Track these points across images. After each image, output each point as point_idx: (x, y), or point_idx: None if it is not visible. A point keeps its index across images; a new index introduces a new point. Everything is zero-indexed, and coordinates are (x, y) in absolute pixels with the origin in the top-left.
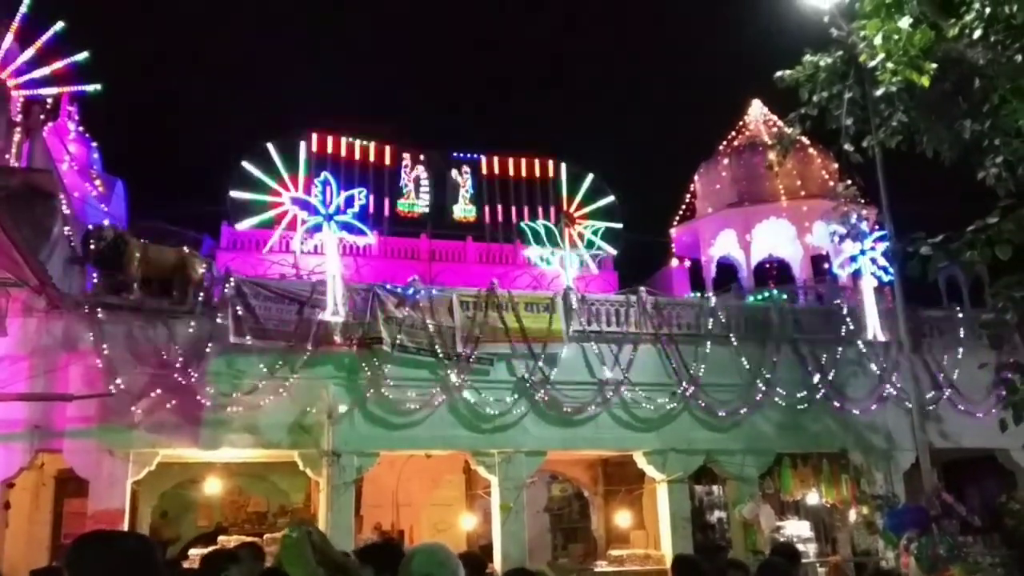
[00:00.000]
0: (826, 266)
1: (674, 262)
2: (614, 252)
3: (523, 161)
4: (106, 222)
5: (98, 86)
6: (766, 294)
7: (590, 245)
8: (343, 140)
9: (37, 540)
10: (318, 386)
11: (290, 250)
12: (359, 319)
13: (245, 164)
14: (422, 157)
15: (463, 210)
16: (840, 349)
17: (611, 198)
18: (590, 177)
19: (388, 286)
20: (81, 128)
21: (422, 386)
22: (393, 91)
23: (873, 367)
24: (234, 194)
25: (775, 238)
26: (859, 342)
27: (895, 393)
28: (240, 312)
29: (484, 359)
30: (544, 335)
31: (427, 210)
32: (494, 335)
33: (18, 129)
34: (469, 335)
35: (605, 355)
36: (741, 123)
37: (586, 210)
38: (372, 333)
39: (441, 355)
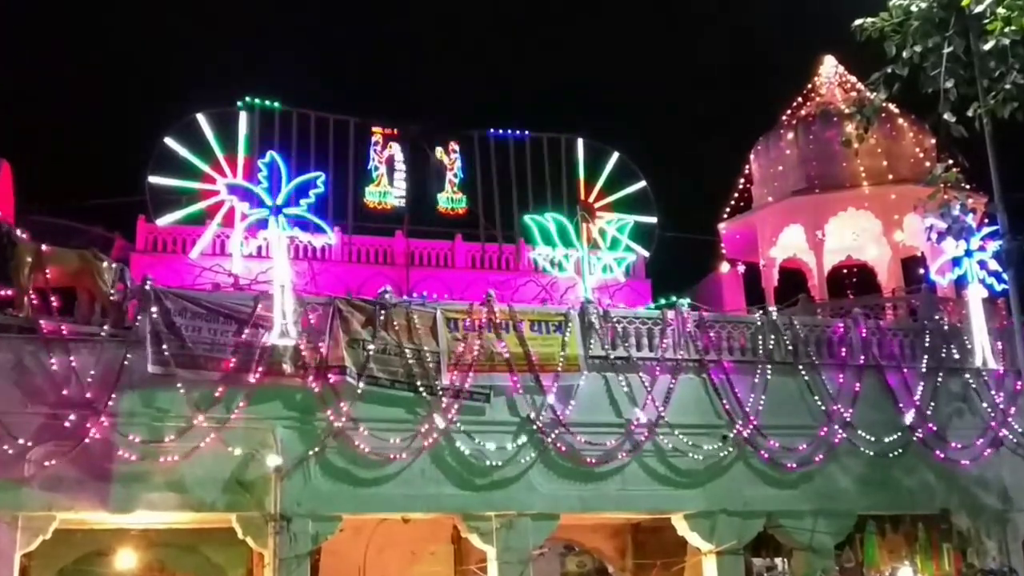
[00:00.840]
0: (921, 272)
1: (724, 267)
2: (646, 254)
3: (528, 136)
4: None
5: None
6: (842, 308)
7: (615, 245)
8: (294, 111)
9: None
10: (263, 430)
11: (226, 253)
12: (316, 342)
13: (168, 141)
14: (396, 132)
15: (450, 200)
16: (940, 380)
17: (642, 184)
18: (615, 157)
19: (353, 299)
20: None
21: (398, 429)
22: (358, 45)
23: (983, 403)
24: (153, 180)
25: (854, 235)
26: (965, 371)
27: (1012, 437)
28: (162, 334)
29: (478, 394)
30: (556, 362)
31: (403, 201)
32: (491, 363)
33: None
34: (459, 363)
35: (635, 388)
36: (810, 86)
37: (610, 199)
38: (332, 361)
39: (422, 389)
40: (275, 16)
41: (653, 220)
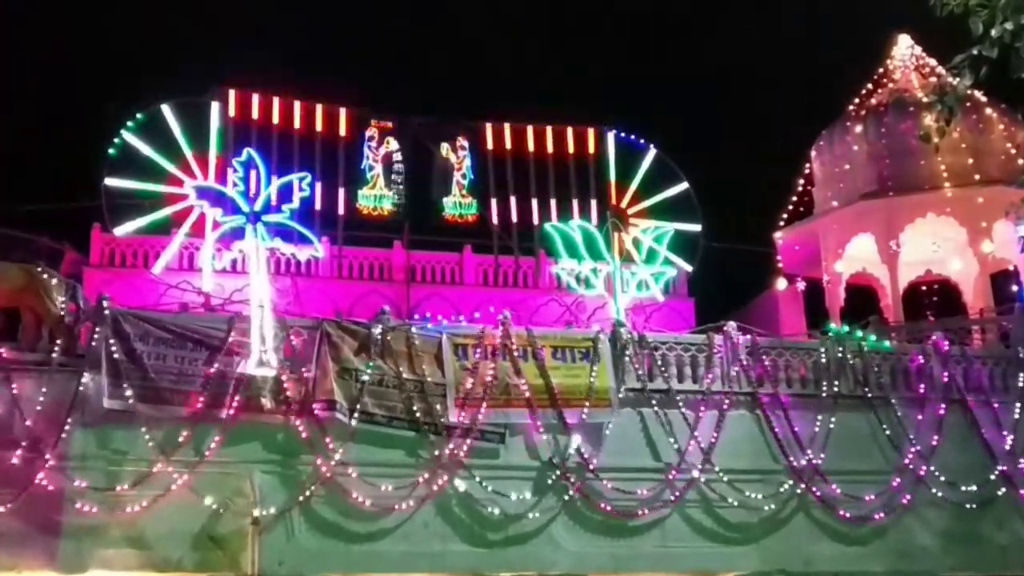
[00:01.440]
0: (1014, 288)
1: (780, 283)
2: (689, 268)
3: (549, 130)
4: None
5: None
6: (921, 332)
7: (652, 258)
8: (275, 101)
9: None
10: (238, 476)
11: (196, 267)
12: (300, 372)
13: (127, 137)
14: (394, 125)
15: (458, 205)
16: None
17: (684, 185)
18: (652, 153)
19: (344, 322)
20: None
21: (397, 475)
22: (351, 25)
23: None
24: (110, 182)
25: (934, 246)
26: None
27: None
28: (120, 363)
29: (492, 434)
30: (583, 396)
31: (403, 206)
32: (507, 397)
33: None
34: (468, 397)
35: (676, 426)
36: (881, 70)
37: (646, 204)
38: (320, 394)
39: (426, 427)
40: None
41: (697, 228)
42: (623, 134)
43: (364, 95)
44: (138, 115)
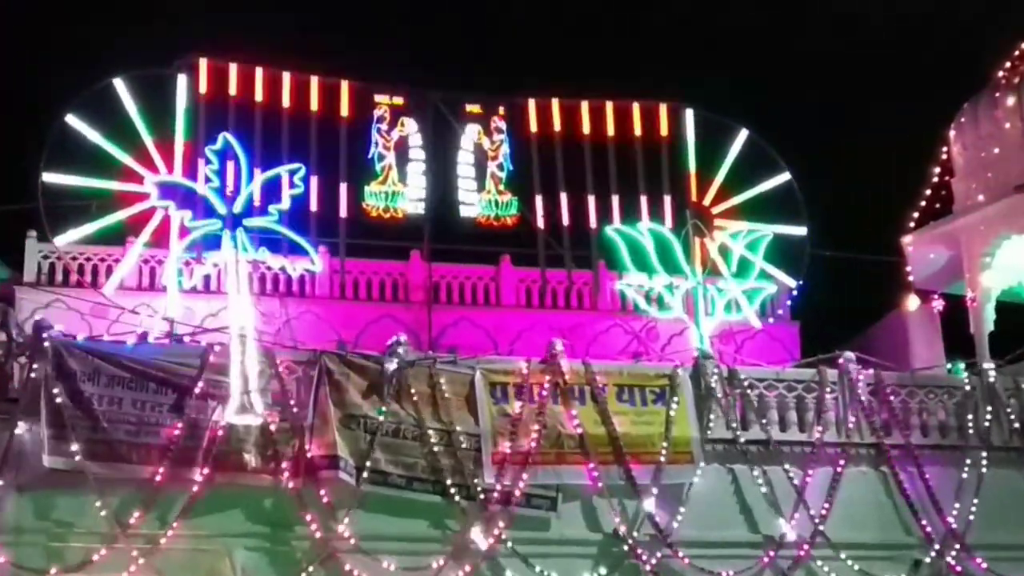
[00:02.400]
0: None
1: (911, 302)
2: (793, 284)
3: (610, 106)
4: None
5: None
6: None
7: (745, 271)
8: (258, 73)
9: None
10: (215, 554)
11: (158, 286)
12: (293, 420)
13: (71, 121)
14: (409, 100)
15: (493, 204)
16: None
17: (785, 176)
18: (743, 135)
19: (349, 355)
20: None
21: (417, 552)
22: None
23: None
24: (49, 179)
25: None
26: None
27: None
28: (64, 409)
29: (540, 499)
30: (657, 449)
31: (422, 205)
32: (558, 450)
33: None
34: (512, 452)
35: (778, 488)
36: None
37: (736, 200)
38: (319, 448)
39: (454, 491)
40: None
41: (802, 232)
42: (706, 111)
43: (371, 65)
44: (83, 92)
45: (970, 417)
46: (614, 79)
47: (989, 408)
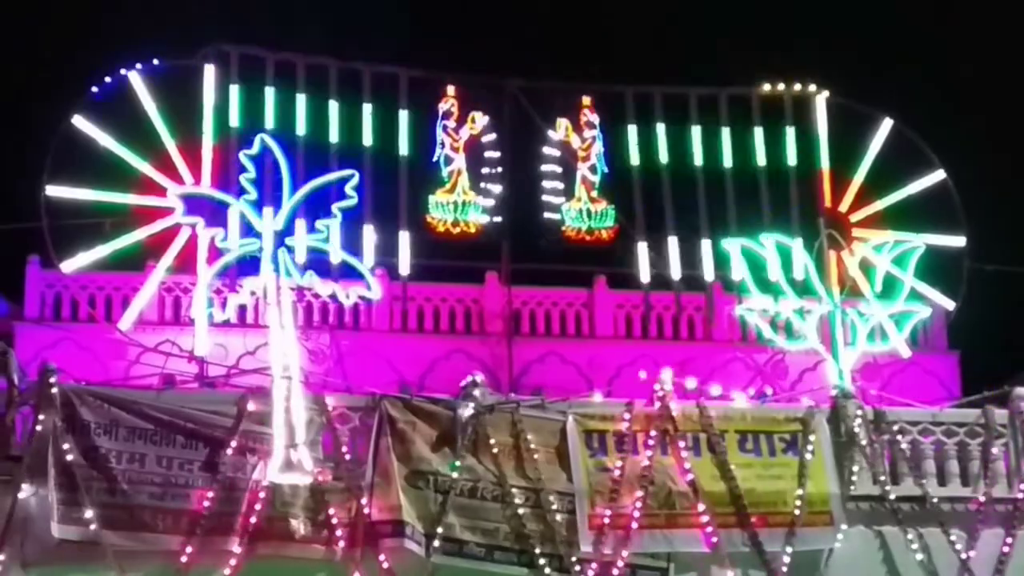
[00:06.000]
0: None
1: None
2: (951, 306)
3: (724, 95)
4: None
5: None
6: None
7: (892, 290)
8: (300, 64)
9: None
10: None
11: (184, 320)
12: (349, 479)
13: (79, 123)
14: (480, 93)
15: (585, 215)
16: None
17: (939, 175)
18: (887, 126)
19: (415, 399)
20: None
21: None
22: None
23: None
24: (55, 192)
25: None
26: None
27: None
28: (76, 468)
29: (647, 569)
30: (789, 509)
31: (499, 218)
32: (669, 512)
33: None
34: (613, 514)
35: (938, 555)
36: None
37: (880, 205)
38: (381, 512)
39: (543, 562)
40: None
41: (960, 242)
42: (841, 99)
43: (434, 50)
44: (94, 89)
45: None
46: (725, 64)
47: None
